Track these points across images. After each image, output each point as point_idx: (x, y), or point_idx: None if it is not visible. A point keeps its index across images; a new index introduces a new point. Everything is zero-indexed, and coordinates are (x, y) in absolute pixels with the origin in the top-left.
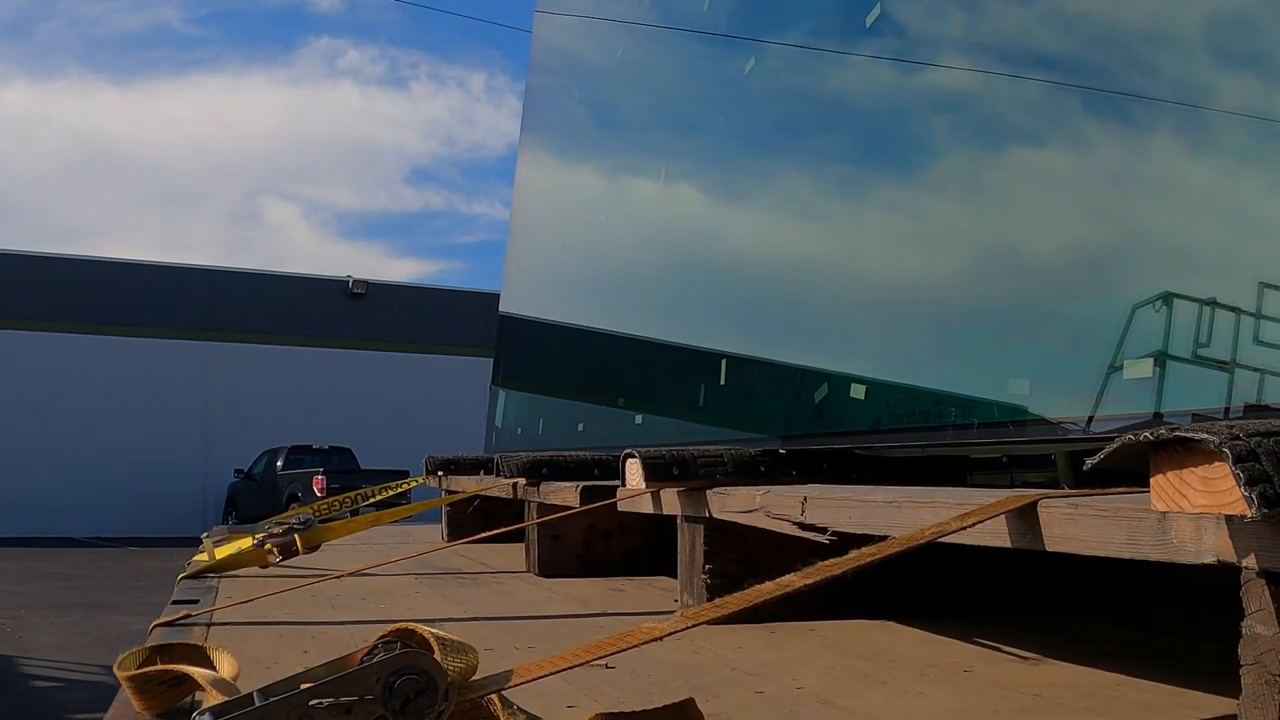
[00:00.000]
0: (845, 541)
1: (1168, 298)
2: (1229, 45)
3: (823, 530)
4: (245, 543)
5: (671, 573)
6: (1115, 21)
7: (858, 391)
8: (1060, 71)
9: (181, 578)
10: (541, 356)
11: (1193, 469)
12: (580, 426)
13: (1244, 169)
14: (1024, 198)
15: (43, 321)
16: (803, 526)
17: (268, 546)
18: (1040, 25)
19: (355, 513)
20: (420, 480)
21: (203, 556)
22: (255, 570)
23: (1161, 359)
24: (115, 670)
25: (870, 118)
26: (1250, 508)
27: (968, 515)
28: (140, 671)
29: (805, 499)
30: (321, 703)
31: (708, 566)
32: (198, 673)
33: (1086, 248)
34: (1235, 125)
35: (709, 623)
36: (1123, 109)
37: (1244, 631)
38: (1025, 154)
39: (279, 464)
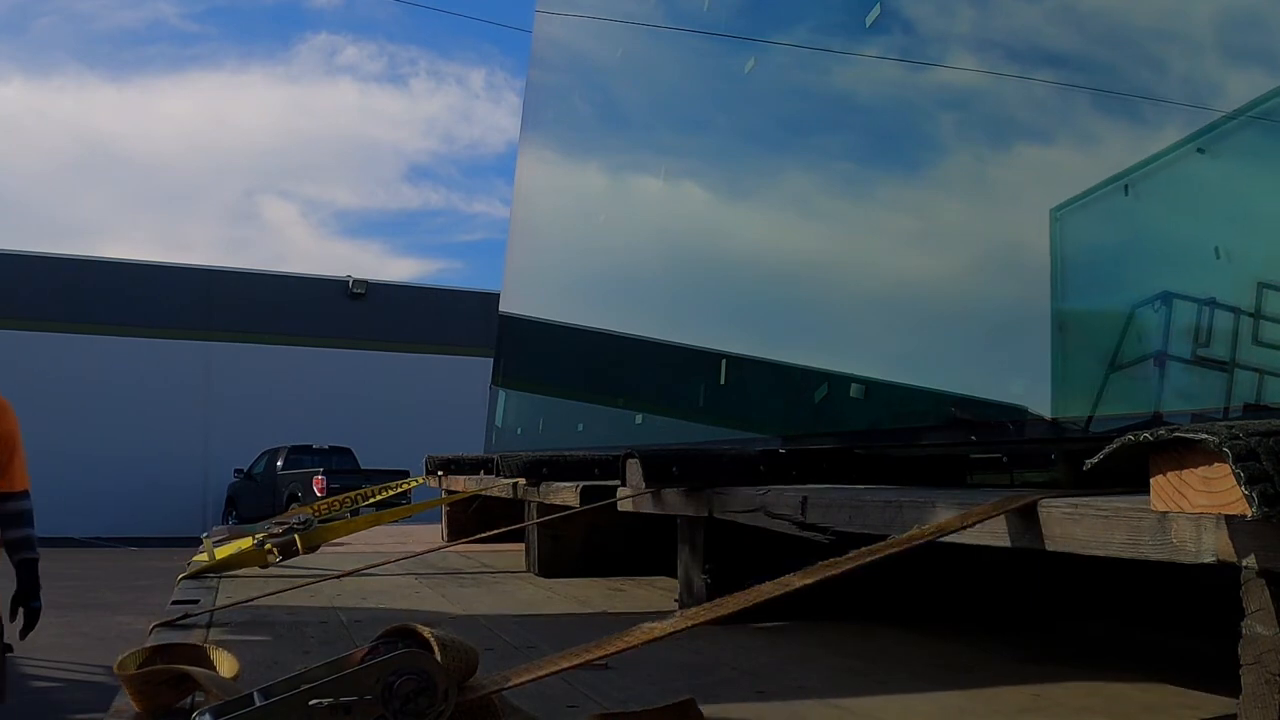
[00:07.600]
0: (845, 541)
1: (1167, 298)
2: (1234, 43)
3: (823, 530)
4: (245, 543)
5: (671, 573)
6: (1118, 19)
7: (858, 391)
8: (1060, 69)
9: (181, 578)
10: (541, 356)
11: (1193, 469)
12: (580, 426)
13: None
14: (1024, 197)
15: (42, 321)
16: (803, 526)
17: (268, 546)
18: (1041, 22)
19: (355, 513)
20: (420, 480)
21: (203, 556)
22: (255, 570)
23: (1161, 359)
24: (115, 670)
25: (872, 116)
26: (1250, 507)
27: (968, 515)
28: (140, 671)
29: (805, 499)
30: (321, 703)
31: (708, 566)
32: (198, 673)
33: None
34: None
35: (709, 623)
36: (1126, 107)
37: (1244, 631)
38: (1027, 153)
39: (279, 464)
